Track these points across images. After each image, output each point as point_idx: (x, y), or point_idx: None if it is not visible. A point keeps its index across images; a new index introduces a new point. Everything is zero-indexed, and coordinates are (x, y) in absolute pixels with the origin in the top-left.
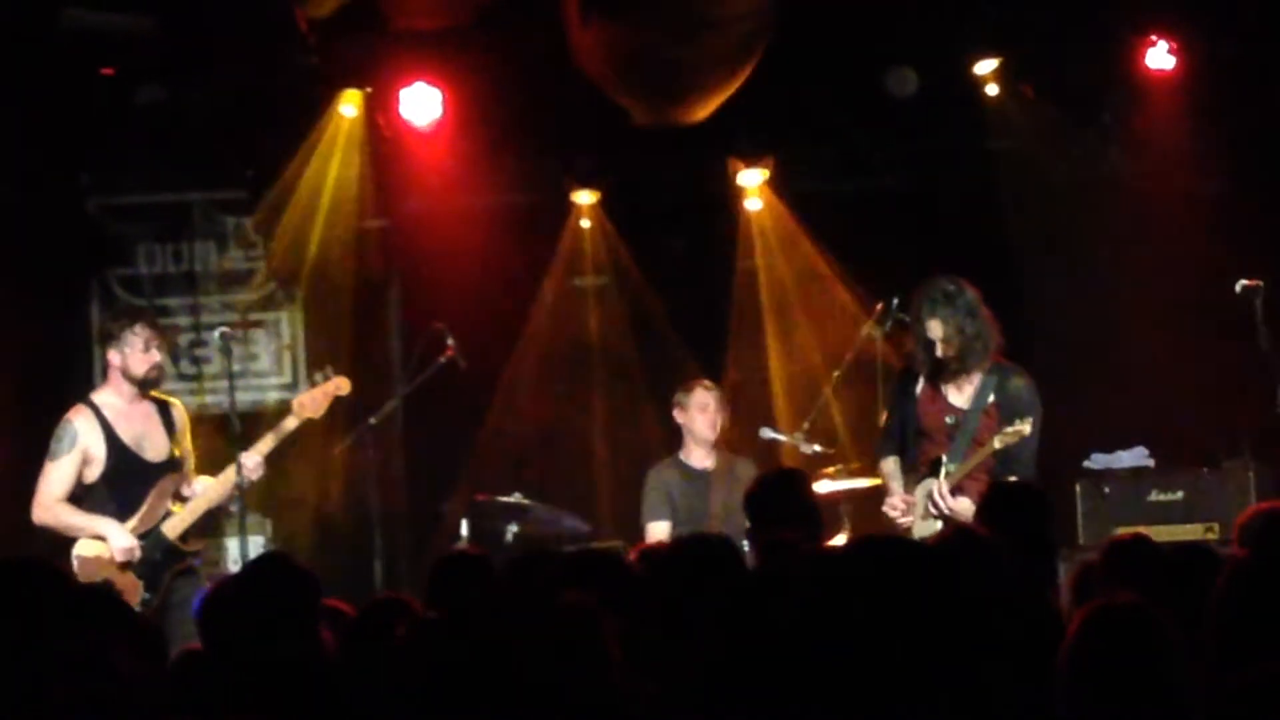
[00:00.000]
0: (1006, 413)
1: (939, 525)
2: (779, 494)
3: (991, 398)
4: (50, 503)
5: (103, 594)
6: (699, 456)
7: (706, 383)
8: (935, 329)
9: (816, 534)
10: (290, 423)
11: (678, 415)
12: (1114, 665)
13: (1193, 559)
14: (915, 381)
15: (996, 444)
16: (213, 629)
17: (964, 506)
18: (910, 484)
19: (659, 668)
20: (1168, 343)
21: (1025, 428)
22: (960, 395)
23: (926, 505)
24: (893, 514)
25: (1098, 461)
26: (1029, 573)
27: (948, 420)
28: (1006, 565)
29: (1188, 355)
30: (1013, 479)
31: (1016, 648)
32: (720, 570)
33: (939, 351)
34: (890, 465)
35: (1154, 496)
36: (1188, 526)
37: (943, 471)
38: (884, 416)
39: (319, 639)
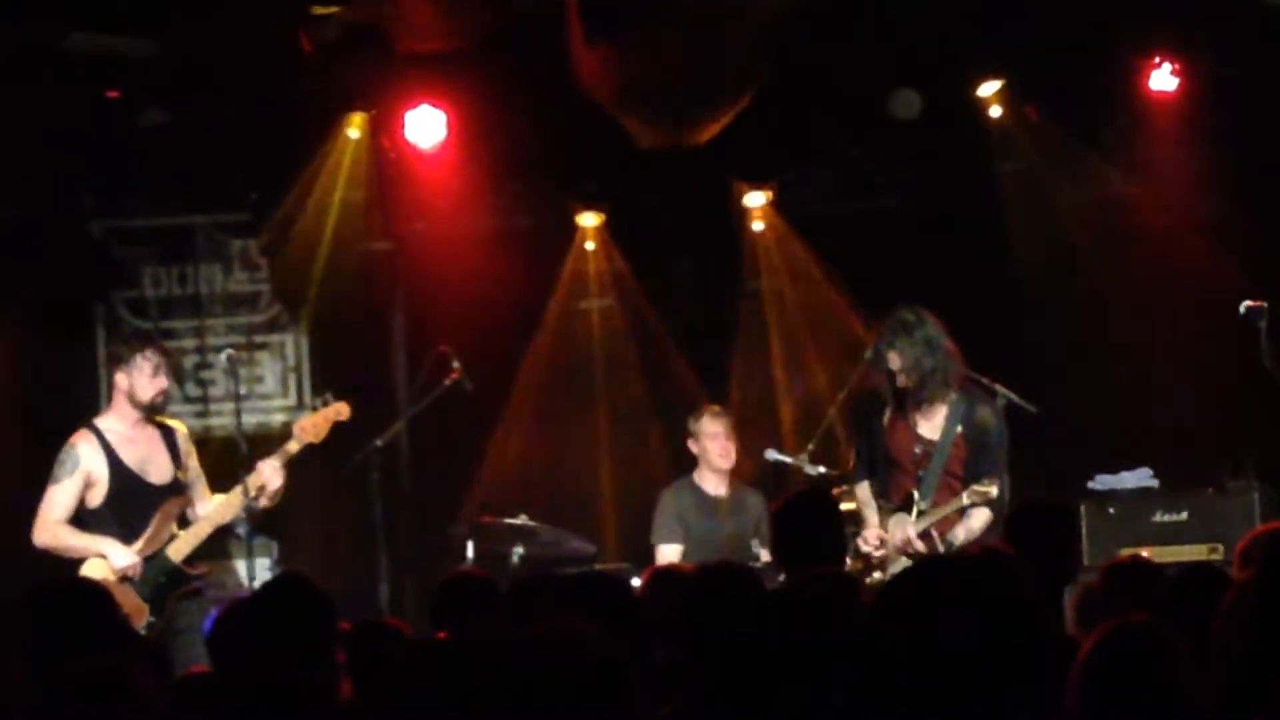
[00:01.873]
0: (974, 443)
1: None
2: (812, 516)
3: (959, 428)
4: (50, 524)
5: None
6: (713, 483)
7: (715, 408)
8: (894, 360)
9: (842, 556)
10: (291, 446)
11: (691, 445)
12: (1128, 685)
13: (1195, 579)
14: (882, 409)
15: (965, 500)
16: (224, 650)
17: (930, 548)
18: (883, 515)
19: (668, 693)
20: (1172, 363)
21: (992, 491)
22: (928, 425)
23: (898, 545)
24: (867, 549)
25: (1102, 482)
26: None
27: (916, 450)
28: (1038, 588)
29: (1192, 376)
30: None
31: (1035, 670)
32: (745, 597)
33: (899, 382)
34: (864, 492)
35: (1159, 517)
36: (1192, 547)
37: (915, 509)
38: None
39: (334, 663)
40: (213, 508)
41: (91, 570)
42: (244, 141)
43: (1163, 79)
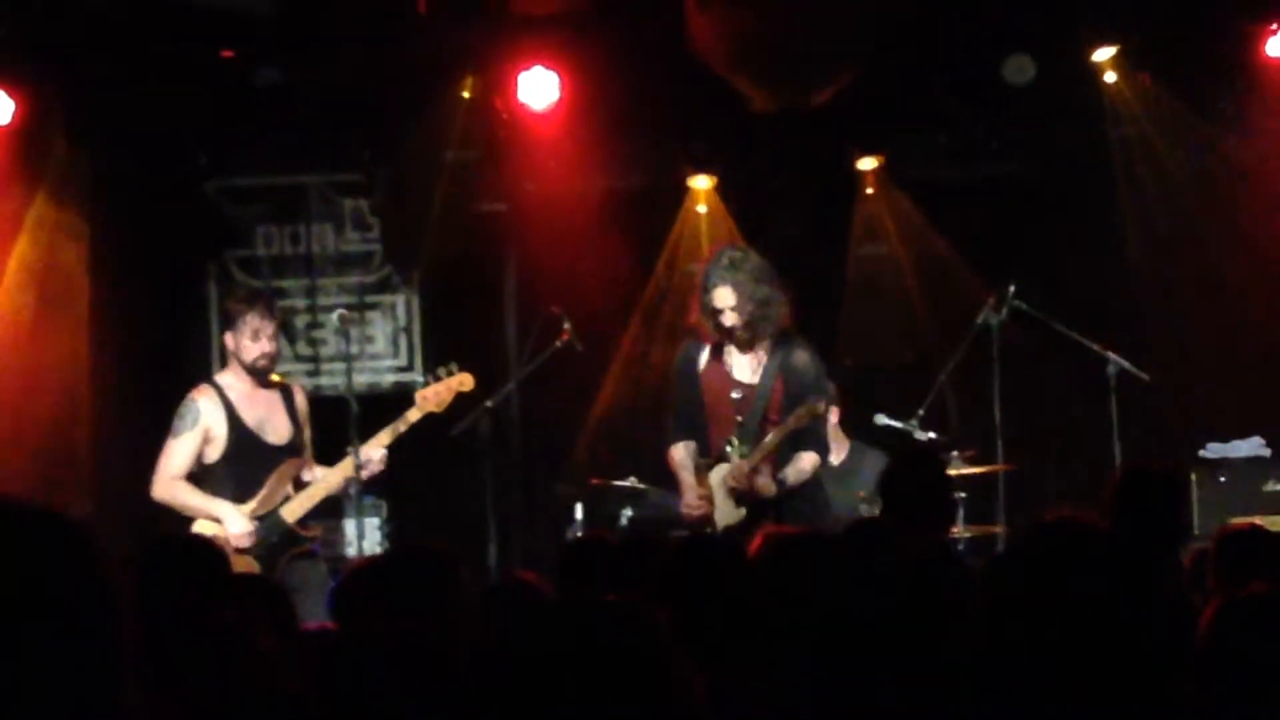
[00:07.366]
0: (792, 386)
1: (743, 511)
2: (915, 479)
3: (778, 372)
4: (169, 480)
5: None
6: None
7: None
8: (724, 297)
9: (950, 522)
10: (412, 414)
11: None
12: (1252, 657)
13: None
14: (697, 359)
15: (791, 423)
16: (348, 606)
17: (764, 484)
18: (702, 472)
19: (774, 656)
20: None
21: (819, 406)
22: (746, 370)
23: (725, 491)
24: (691, 512)
25: (1214, 451)
26: (1158, 562)
27: (733, 395)
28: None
29: None
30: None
31: (1145, 638)
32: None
33: (726, 321)
34: (680, 453)
35: (1270, 486)
36: None
37: (735, 455)
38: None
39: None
40: (328, 472)
41: (203, 531)
42: (357, 101)
43: (1279, 45)
